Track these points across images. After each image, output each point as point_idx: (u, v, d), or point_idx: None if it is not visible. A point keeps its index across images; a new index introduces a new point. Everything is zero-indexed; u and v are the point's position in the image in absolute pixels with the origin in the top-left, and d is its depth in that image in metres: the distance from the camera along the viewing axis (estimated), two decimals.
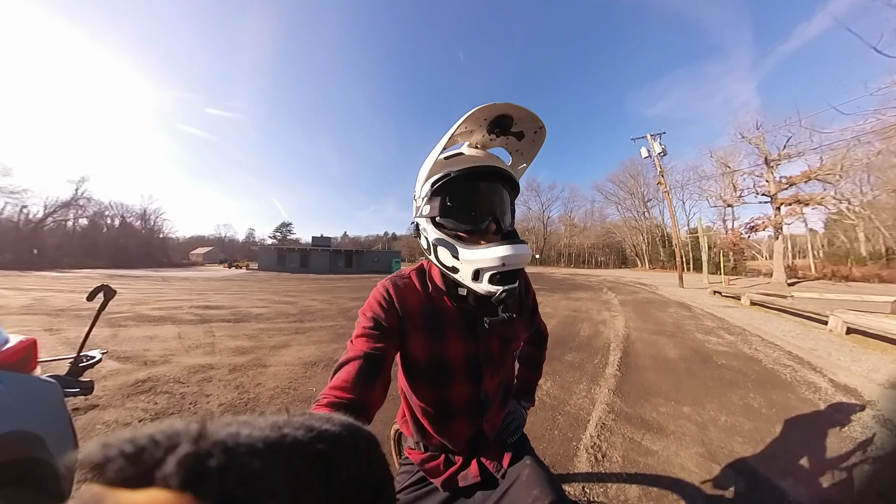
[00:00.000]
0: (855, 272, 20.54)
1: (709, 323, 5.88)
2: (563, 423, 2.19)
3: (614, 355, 3.82)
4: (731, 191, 22.27)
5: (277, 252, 33.69)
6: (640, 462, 1.77)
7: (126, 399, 2.42)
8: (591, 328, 5.36)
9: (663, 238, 40.22)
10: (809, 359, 3.73)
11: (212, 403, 2.41)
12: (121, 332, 4.45)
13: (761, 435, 2.05)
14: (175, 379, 2.84)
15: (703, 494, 1.52)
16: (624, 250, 47.85)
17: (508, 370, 0.82)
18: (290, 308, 7.16)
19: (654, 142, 17.07)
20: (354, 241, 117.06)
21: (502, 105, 0.62)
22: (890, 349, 3.97)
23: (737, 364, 3.54)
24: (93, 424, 2.05)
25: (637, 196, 45.94)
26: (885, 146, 15.33)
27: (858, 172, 20.71)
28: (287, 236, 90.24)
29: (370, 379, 0.57)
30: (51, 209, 41.18)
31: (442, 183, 0.66)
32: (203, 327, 4.98)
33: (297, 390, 2.68)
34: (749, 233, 20.70)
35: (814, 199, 17.82)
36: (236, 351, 3.77)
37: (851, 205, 22.93)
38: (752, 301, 7.92)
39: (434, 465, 0.76)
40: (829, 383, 2.98)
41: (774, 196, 18.35)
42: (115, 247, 44.27)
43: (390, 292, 0.70)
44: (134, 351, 3.63)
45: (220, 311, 6.53)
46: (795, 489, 1.54)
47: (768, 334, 4.92)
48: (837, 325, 4.93)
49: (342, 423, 0.19)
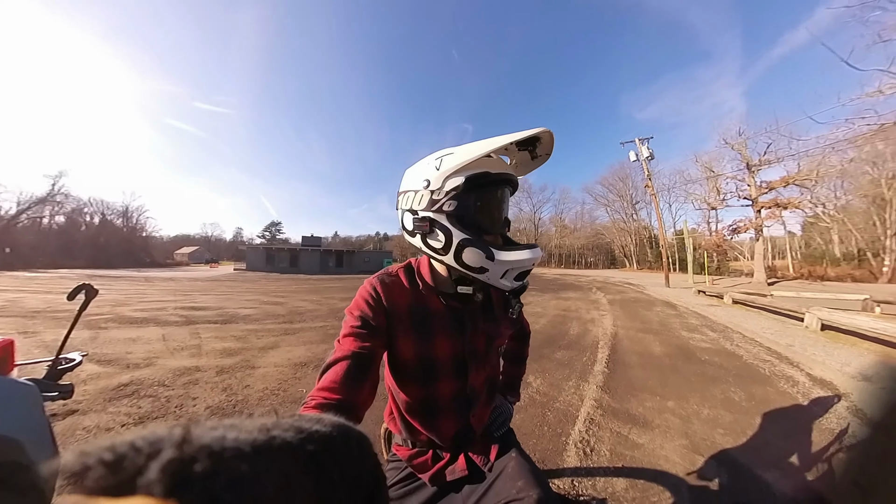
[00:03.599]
0: (830, 272, 21.54)
1: (693, 321, 6.06)
2: (553, 420, 2.23)
3: (602, 353, 3.90)
4: (715, 194, 23.08)
5: (266, 252, 33.02)
6: (627, 455, 1.81)
7: (107, 403, 2.33)
8: (580, 327, 5.45)
9: (650, 239, 41.20)
10: (787, 354, 3.89)
11: (198, 407, 2.35)
12: (101, 334, 4.30)
13: (741, 427, 2.14)
14: (159, 382, 2.76)
15: (686, 485, 1.58)
16: (613, 251, 48.77)
17: (493, 366, 0.83)
18: (279, 309, 7.03)
19: (643, 146, 17.54)
20: (345, 240, 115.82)
21: (546, 130, 0.65)
22: (859, 343, 4.19)
23: (719, 360, 3.67)
24: (73, 430, 1.97)
25: (626, 198, 46.96)
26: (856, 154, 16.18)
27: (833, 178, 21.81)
28: (276, 236, 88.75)
29: (359, 379, 0.57)
30: (24, 205, 39.27)
31: (478, 182, 0.64)
32: (189, 329, 4.85)
33: (286, 391, 2.64)
34: (732, 235, 21.51)
35: (792, 202, 18.67)
36: (224, 353, 3.69)
37: (826, 209, 24.07)
38: (735, 300, 8.21)
39: (422, 460, 0.77)
40: (806, 377, 3.12)
41: (755, 200, 19.12)
42: (94, 246, 42.45)
43: (378, 290, 0.70)
44: (116, 353, 3.51)
45: (206, 312, 6.37)
46: (774, 477, 1.61)
47: (749, 331, 5.10)
48: (813, 322, 5.16)
49: (333, 423, 0.19)
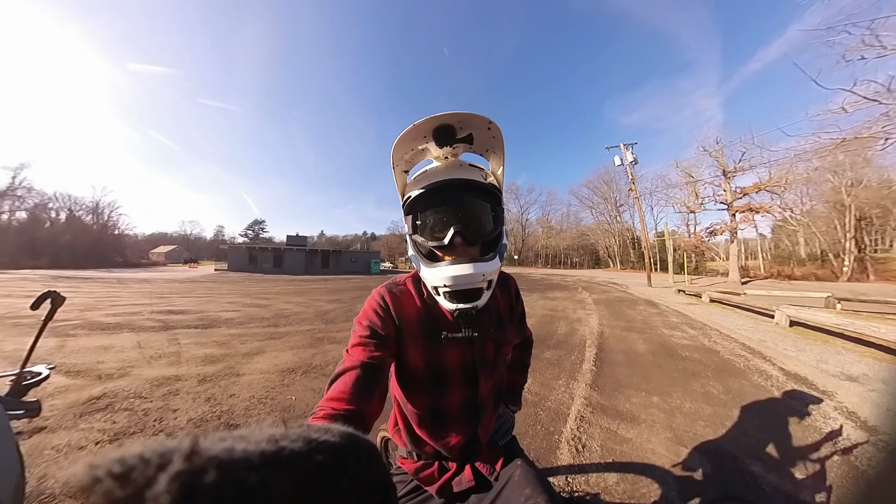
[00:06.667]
0: (796, 272, 22.98)
1: (674, 319, 6.31)
2: (545, 418, 2.27)
3: (590, 351, 4.00)
4: (694, 198, 24.16)
5: (249, 251, 31.91)
6: (617, 450, 1.87)
7: (78, 419, 2.18)
8: (567, 326, 5.57)
9: (633, 241, 42.66)
10: (760, 349, 4.11)
11: (180, 419, 2.23)
12: (69, 343, 4.03)
13: (720, 419, 2.25)
14: (136, 394, 2.60)
15: (672, 476, 1.64)
16: (597, 252, 50.12)
17: (501, 374, 0.83)
18: (263, 311, 6.81)
19: (627, 151, 18.20)
20: (332, 240, 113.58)
21: (433, 118, 0.59)
22: (832, 341, 4.44)
23: (698, 356, 3.84)
24: (40, 450, 1.83)
25: (610, 201, 48.39)
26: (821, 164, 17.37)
27: (799, 185, 23.39)
28: (260, 234, 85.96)
29: (368, 389, 0.56)
30: None
31: (408, 204, 0.69)
32: (166, 334, 4.62)
33: (274, 399, 2.56)
34: (709, 237, 22.57)
35: (763, 207, 19.88)
36: (205, 360, 3.54)
37: (794, 213, 25.77)
38: (712, 298, 8.62)
39: (428, 472, 0.76)
40: (778, 371, 3.30)
41: (730, 204, 20.22)
42: (59, 244, 39.44)
43: (386, 300, 0.70)
44: (86, 363, 3.30)
45: (185, 316, 6.09)
46: (759, 470, 1.70)
47: (725, 328, 5.36)
48: (782, 319, 5.49)
49: (342, 433, 0.19)
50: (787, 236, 30.10)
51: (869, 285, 17.00)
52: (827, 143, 9.34)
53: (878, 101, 7.67)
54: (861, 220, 22.96)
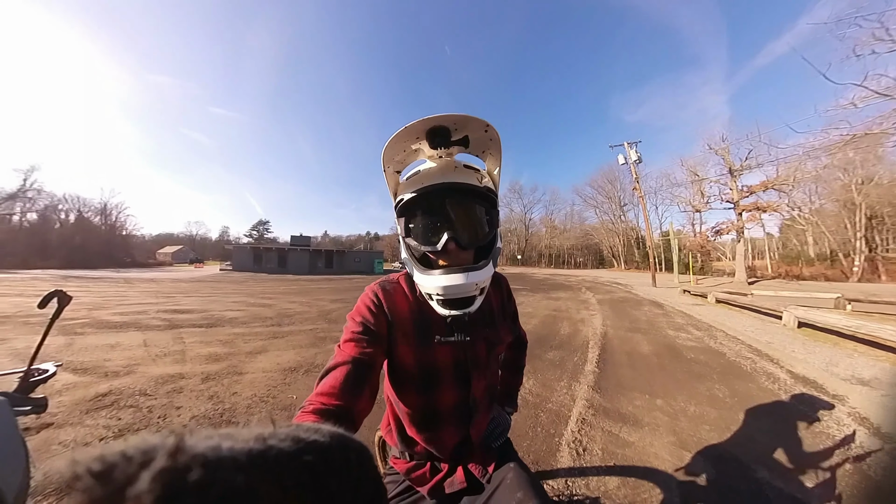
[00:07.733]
0: (805, 272, 22.58)
1: (679, 320, 6.23)
2: (546, 420, 2.25)
3: (593, 352, 3.96)
4: (700, 197, 23.84)
5: (254, 251, 32.21)
6: (619, 454, 1.84)
7: (85, 415, 2.22)
8: (570, 327, 5.53)
9: (638, 240, 42.23)
10: (767, 351, 4.04)
11: (183, 416, 2.27)
12: (77, 341, 4.10)
13: (725, 423, 2.21)
14: (141, 391, 2.64)
15: (675, 481, 1.61)
16: (601, 251, 49.74)
17: (494, 374, 0.82)
18: (266, 311, 6.87)
19: (631, 149, 18.03)
20: (335, 240, 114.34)
21: (427, 119, 0.58)
22: (842, 343, 4.33)
23: (704, 358, 3.78)
24: (48, 445, 1.87)
25: (614, 200, 48.00)
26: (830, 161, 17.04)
27: (808, 183, 22.94)
28: (264, 235, 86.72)
29: (358, 385, 0.55)
30: None
31: (400, 206, 0.68)
32: (172, 333, 4.68)
33: (276, 398, 2.58)
34: (715, 236, 22.35)
35: (770, 206, 19.58)
36: (209, 358, 3.57)
37: (802, 212, 25.28)
38: (718, 299, 8.49)
39: (420, 473, 0.76)
40: (787, 374, 3.23)
41: (737, 203, 19.92)
42: (69, 245, 40.30)
43: (379, 297, 0.70)
44: (93, 361, 3.35)
45: (190, 315, 6.16)
46: (764, 476, 1.67)
47: (731, 329, 5.28)
48: (790, 320, 5.39)
49: (331, 433, 0.19)
50: (796, 235, 29.54)
51: (880, 285, 16.64)
52: (837, 140, 9.19)
53: (889, 95, 7.52)
54: (872, 219, 22.49)
